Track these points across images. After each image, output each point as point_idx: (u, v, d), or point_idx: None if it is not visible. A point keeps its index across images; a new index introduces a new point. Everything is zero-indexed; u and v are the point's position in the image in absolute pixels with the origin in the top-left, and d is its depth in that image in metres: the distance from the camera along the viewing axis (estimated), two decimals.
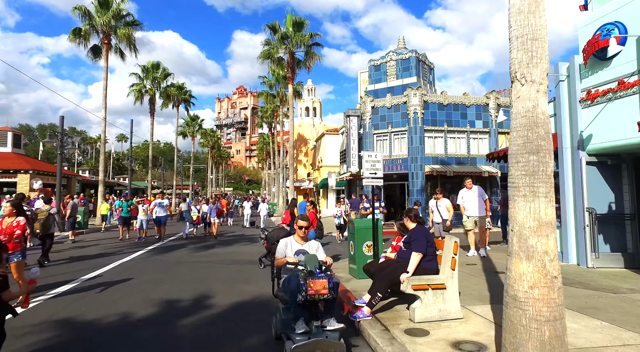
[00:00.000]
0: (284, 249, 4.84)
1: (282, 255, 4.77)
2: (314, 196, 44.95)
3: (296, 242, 4.91)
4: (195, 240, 15.97)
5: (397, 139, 22.44)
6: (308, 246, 4.88)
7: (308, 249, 4.81)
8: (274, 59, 26.67)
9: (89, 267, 9.49)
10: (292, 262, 4.47)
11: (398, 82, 22.79)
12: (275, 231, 9.20)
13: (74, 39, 23.74)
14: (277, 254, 4.81)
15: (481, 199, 9.93)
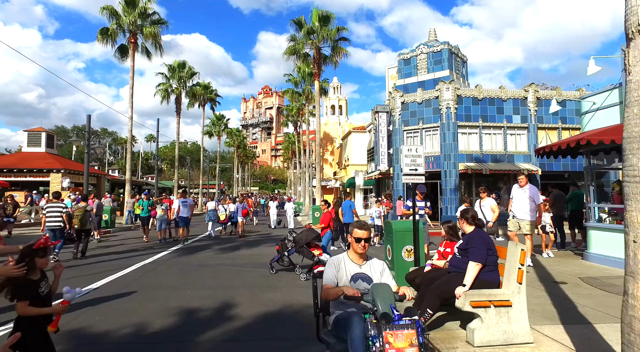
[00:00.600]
0: (335, 272, 3.24)
1: (333, 282, 3.18)
2: (341, 196, 44.20)
3: (352, 263, 3.32)
4: (220, 240, 15.52)
5: (429, 135, 21.41)
6: (369, 268, 3.34)
7: (370, 273, 3.31)
8: (299, 55, 26.07)
9: (109, 269, 9.09)
10: (352, 296, 2.89)
11: (429, 76, 21.73)
12: (303, 233, 8.53)
13: (102, 39, 23.85)
14: (325, 280, 3.22)
15: (532, 202, 8.51)
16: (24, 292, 2.86)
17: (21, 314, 2.86)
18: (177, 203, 14.22)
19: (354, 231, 3.31)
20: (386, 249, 7.33)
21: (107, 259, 10.73)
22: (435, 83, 21.15)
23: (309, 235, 8.39)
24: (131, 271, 8.98)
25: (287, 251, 8.64)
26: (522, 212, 8.60)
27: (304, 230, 8.82)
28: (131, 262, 9.98)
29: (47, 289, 3.08)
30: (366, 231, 3.28)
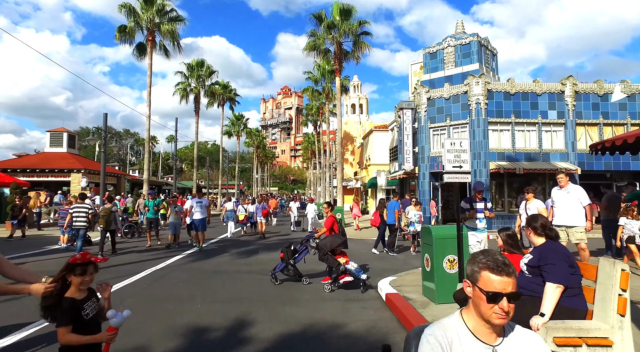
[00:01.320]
0: None
1: None
2: (361, 196, 43.17)
3: (477, 341, 1.63)
4: (238, 243, 14.81)
5: (457, 132, 20.22)
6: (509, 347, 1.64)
7: None
8: (320, 51, 25.21)
9: (118, 275, 8.42)
10: None
11: (457, 70, 20.54)
12: (328, 238, 7.65)
13: (120, 38, 23.59)
14: None
15: (579, 203, 7.10)
16: (63, 315, 2.43)
17: (62, 343, 2.44)
18: (190, 203, 12.86)
19: (484, 276, 1.63)
20: (423, 259, 6.39)
21: (118, 263, 10.10)
22: (463, 77, 19.96)
23: (334, 241, 7.51)
24: (140, 278, 8.29)
25: (294, 258, 7.76)
26: (568, 218, 7.16)
27: (330, 235, 7.95)
28: (142, 268, 9.31)
29: (94, 312, 2.61)
30: (509, 278, 1.60)
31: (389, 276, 8.30)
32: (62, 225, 13.24)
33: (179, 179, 76.54)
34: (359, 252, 11.92)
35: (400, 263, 10.70)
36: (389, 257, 11.61)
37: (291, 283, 7.79)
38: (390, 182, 27.38)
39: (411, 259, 11.38)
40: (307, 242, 7.99)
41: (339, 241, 7.53)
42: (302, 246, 7.96)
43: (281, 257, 7.78)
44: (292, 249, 7.84)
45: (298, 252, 7.86)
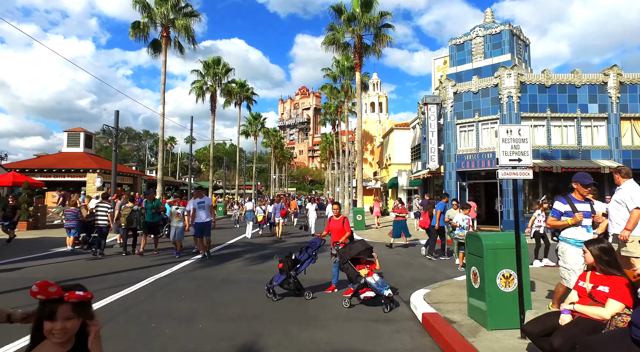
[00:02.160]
0: None
1: None
2: (381, 196, 41.91)
3: None
4: (253, 246, 13.89)
5: (486, 129, 18.87)
6: None
7: None
8: (339, 45, 24.19)
9: (114, 284, 7.56)
10: None
11: (486, 61, 19.19)
12: (351, 246, 6.59)
13: (134, 34, 23.06)
14: None
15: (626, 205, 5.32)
16: None
17: None
18: (191, 205, 10.97)
19: None
20: (469, 273, 5.27)
21: (121, 268, 9.28)
22: (493, 69, 18.60)
23: (355, 247, 6.44)
24: (140, 287, 7.41)
25: (295, 269, 6.69)
26: (618, 224, 5.46)
27: (355, 241, 6.89)
28: (144, 275, 8.44)
29: None
30: None
31: (421, 288, 7.23)
32: (68, 227, 12.55)
33: (197, 180, 76.71)
34: (382, 257, 10.82)
35: (430, 271, 9.58)
36: (416, 264, 10.48)
37: (293, 298, 6.75)
38: (413, 182, 26.11)
39: (443, 266, 10.21)
40: (308, 249, 6.92)
41: (362, 248, 6.46)
42: (304, 254, 6.89)
43: (280, 268, 6.64)
44: (292, 259, 6.77)
45: (300, 262, 6.79)
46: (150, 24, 23.00)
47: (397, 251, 13.18)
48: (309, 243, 7.08)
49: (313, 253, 6.87)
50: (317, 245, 6.97)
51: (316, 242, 7.07)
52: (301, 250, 6.98)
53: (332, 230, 7.39)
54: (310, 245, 6.95)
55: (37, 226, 18.38)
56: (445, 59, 29.90)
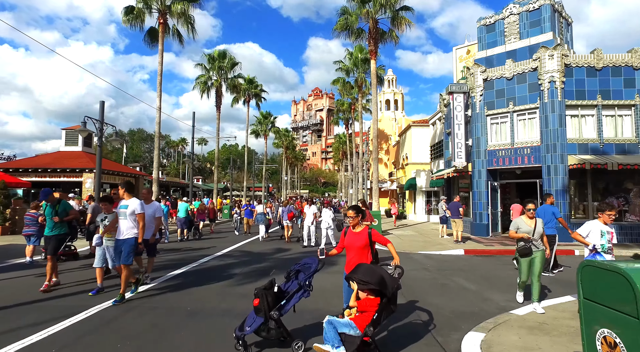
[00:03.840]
0: None
1: None
2: (397, 198, 39.33)
3: None
4: (248, 258, 11.64)
5: (523, 120, 16.31)
6: None
7: None
8: (352, 32, 21.87)
9: (44, 318, 5.37)
10: None
11: (522, 42, 16.61)
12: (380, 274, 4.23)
13: (128, 21, 21.15)
14: None
15: None
16: None
17: None
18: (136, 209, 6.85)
19: None
20: (596, 341, 2.87)
21: (69, 291, 7.11)
22: (531, 51, 16.03)
23: (386, 282, 4.10)
24: (70, 325, 5.21)
25: (278, 307, 4.26)
26: None
27: (380, 266, 4.51)
28: (91, 302, 6.25)
29: None
30: None
31: (471, 329, 4.97)
32: (27, 234, 10.50)
33: (208, 181, 75.09)
34: (406, 275, 8.42)
35: (473, 296, 7.17)
36: (452, 286, 8.05)
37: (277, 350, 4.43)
38: (434, 183, 23.58)
39: (485, 288, 7.76)
40: (298, 275, 4.57)
41: (396, 275, 4.17)
42: (292, 282, 4.56)
43: (255, 307, 4.28)
44: (274, 291, 4.43)
45: (285, 297, 4.40)
46: (146, 9, 21.05)
47: (422, 263, 10.77)
48: (299, 265, 4.72)
49: (306, 282, 4.51)
50: (313, 269, 4.60)
51: (310, 264, 4.67)
52: (288, 275, 4.67)
53: (349, 247, 4.92)
54: (301, 268, 4.61)
55: (15, 230, 16.49)
56: (469, 48, 27.36)
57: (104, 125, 16.08)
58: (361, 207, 10.76)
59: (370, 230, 4.90)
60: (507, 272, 9.64)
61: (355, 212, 4.95)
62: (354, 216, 4.91)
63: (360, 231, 4.89)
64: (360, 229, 4.92)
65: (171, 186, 47.41)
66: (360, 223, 4.98)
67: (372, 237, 4.85)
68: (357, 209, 5.02)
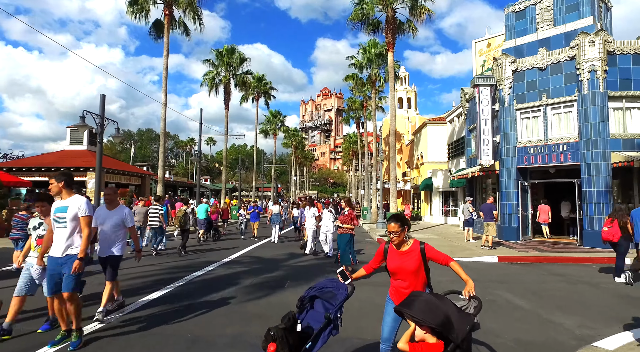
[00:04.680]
0: None
1: None
2: (411, 200, 37.94)
3: None
4: (256, 267, 10.43)
5: (557, 114, 14.92)
6: None
7: None
8: (367, 23, 20.64)
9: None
10: None
11: (557, 29, 15.21)
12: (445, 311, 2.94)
13: (133, 14, 20.16)
14: None
15: None
16: None
17: None
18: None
19: None
20: None
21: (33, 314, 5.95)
22: (568, 39, 14.64)
23: (456, 317, 2.83)
24: None
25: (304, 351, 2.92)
26: None
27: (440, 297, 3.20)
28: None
29: None
30: None
31: None
32: (14, 238, 9.41)
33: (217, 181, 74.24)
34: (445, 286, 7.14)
35: (532, 318, 5.80)
36: (501, 304, 6.74)
37: None
38: (455, 183, 22.19)
39: (541, 307, 6.43)
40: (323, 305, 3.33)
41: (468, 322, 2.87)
42: (306, 313, 3.35)
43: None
44: (295, 330, 3.13)
45: (311, 338, 3.08)
46: (151, 0, 20.03)
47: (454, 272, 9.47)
48: (316, 289, 3.41)
49: (335, 314, 3.24)
50: (342, 299, 3.31)
51: (331, 289, 3.37)
52: (302, 304, 3.36)
53: (395, 272, 3.60)
54: (319, 294, 3.35)
55: None
56: (489, 41, 25.90)
57: (104, 121, 15.06)
58: (344, 206, 9.42)
59: (422, 246, 3.60)
60: (557, 284, 8.32)
61: (400, 225, 3.52)
62: (398, 231, 3.51)
63: (409, 249, 3.54)
64: (407, 247, 3.57)
65: (178, 186, 46.56)
66: (407, 239, 3.62)
67: (426, 254, 3.59)
68: (401, 220, 3.58)
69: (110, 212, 5.70)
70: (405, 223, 3.56)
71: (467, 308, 3.11)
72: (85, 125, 14.13)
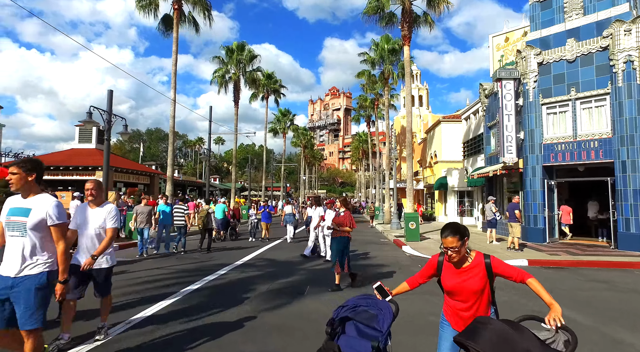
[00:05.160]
0: None
1: None
2: (424, 199, 37.09)
3: None
4: (270, 271, 9.77)
5: (588, 108, 14.07)
6: None
7: None
8: (382, 16, 19.92)
9: None
10: None
11: (588, 18, 14.34)
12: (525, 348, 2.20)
13: (141, 7, 19.65)
14: None
15: None
16: None
17: None
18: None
19: None
20: None
21: None
22: (600, 28, 13.76)
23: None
24: None
25: None
26: None
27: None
28: None
29: None
30: None
31: None
32: None
33: (225, 181, 73.92)
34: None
35: (592, 335, 5.03)
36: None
37: None
38: (473, 182, 21.35)
39: (595, 319, 5.64)
40: (343, 323, 2.72)
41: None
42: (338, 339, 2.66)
43: None
44: None
45: None
46: None
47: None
48: (347, 308, 2.74)
49: (384, 342, 2.54)
50: (389, 322, 2.63)
51: (367, 308, 2.67)
52: (333, 328, 2.68)
53: (452, 292, 2.88)
54: (352, 315, 2.70)
55: None
56: (507, 35, 24.99)
57: (112, 117, 14.53)
58: (339, 206, 8.05)
59: (488, 259, 2.82)
60: (603, 293, 7.53)
61: (459, 238, 2.73)
62: (457, 246, 2.73)
63: (471, 265, 2.81)
64: (468, 263, 2.82)
65: (187, 185, 46.16)
66: (469, 252, 2.85)
67: (493, 271, 2.82)
68: (460, 231, 2.77)
69: (94, 212, 4.48)
70: (465, 234, 2.78)
71: (553, 342, 2.35)
72: (93, 121, 13.61)
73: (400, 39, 27.88)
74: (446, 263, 2.89)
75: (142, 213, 11.20)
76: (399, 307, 2.81)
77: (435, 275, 2.96)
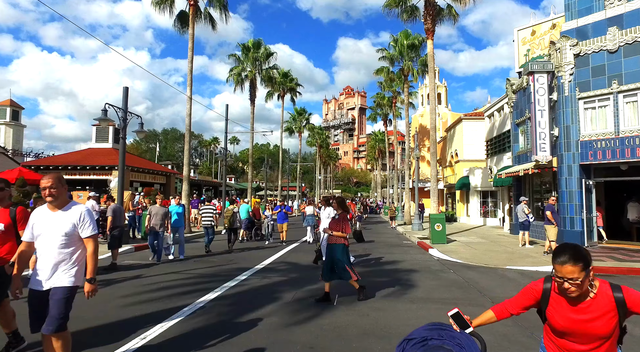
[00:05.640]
0: None
1: None
2: (444, 199, 36.08)
3: None
4: (290, 278, 9.14)
5: (632, 102, 13.10)
6: None
7: None
8: (404, 8, 19.15)
9: None
10: None
11: (633, 4, 13.23)
12: None
13: (157, 5, 19.29)
14: None
15: None
16: None
17: None
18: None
19: None
20: None
21: None
22: None
23: None
24: None
25: None
26: None
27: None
28: None
29: None
30: None
31: None
32: None
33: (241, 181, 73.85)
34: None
35: None
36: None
37: None
38: (500, 182, 20.36)
39: None
40: None
41: None
42: None
43: None
44: None
45: None
46: None
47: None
48: (419, 342, 2.04)
49: None
50: None
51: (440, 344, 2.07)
52: None
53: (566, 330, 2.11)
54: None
55: None
56: (534, 28, 23.90)
57: (127, 115, 14.12)
58: (337, 206, 7.18)
59: (620, 293, 2.03)
60: None
61: (583, 267, 1.96)
62: (581, 278, 1.97)
63: (592, 301, 2.05)
64: (590, 298, 2.06)
65: (203, 185, 46.04)
66: (593, 284, 2.06)
67: (629, 309, 2.02)
68: (583, 258, 1.98)
69: (55, 216, 3.38)
70: (590, 263, 2.01)
71: None
72: (108, 119, 13.22)
73: (420, 34, 27.22)
74: (555, 294, 2.17)
75: (157, 214, 10.40)
76: (485, 344, 2.13)
77: (537, 306, 2.26)
